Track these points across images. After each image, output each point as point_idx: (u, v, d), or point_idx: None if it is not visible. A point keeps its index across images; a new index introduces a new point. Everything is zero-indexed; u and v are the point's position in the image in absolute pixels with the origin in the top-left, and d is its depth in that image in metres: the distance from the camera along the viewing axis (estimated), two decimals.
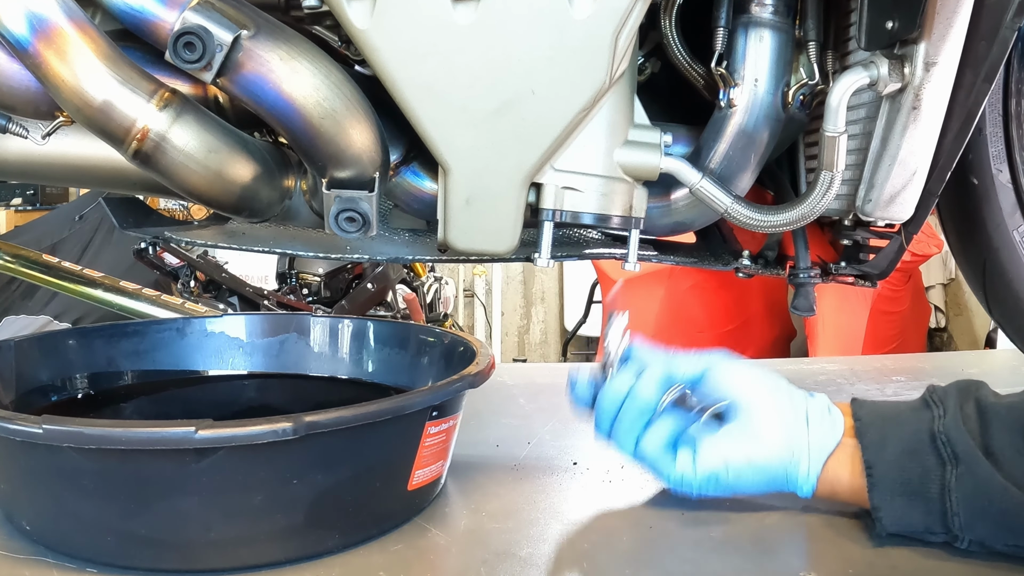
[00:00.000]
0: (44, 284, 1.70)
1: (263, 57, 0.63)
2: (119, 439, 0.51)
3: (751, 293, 2.81)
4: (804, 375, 1.21)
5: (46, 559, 0.57)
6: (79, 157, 0.77)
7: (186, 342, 0.84)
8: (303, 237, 0.84)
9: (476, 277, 4.49)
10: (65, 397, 0.77)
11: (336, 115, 0.65)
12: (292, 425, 0.52)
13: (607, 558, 0.60)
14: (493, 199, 0.70)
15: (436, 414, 0.63)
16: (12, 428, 0.52)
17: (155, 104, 0.63)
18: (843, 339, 2.60)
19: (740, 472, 0.64)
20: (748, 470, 0.64)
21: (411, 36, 0.65)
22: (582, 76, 0.67)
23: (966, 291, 3.43)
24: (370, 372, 0.85)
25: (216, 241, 0.83)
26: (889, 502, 0.61)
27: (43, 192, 3.96)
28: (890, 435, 0.62)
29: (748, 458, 0.64)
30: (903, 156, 0.75)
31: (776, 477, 0.64)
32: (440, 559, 0.60)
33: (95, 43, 0.61)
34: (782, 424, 0.64)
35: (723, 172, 0.79)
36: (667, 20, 0.80)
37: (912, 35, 0.71)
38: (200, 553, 0.56)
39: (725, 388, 0.66)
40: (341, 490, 0.58)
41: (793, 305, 0.92)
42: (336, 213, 0.68)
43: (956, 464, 0.59)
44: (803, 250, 0.89)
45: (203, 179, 0.66)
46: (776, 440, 0.64)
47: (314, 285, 3.02)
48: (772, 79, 0.77)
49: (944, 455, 0.60)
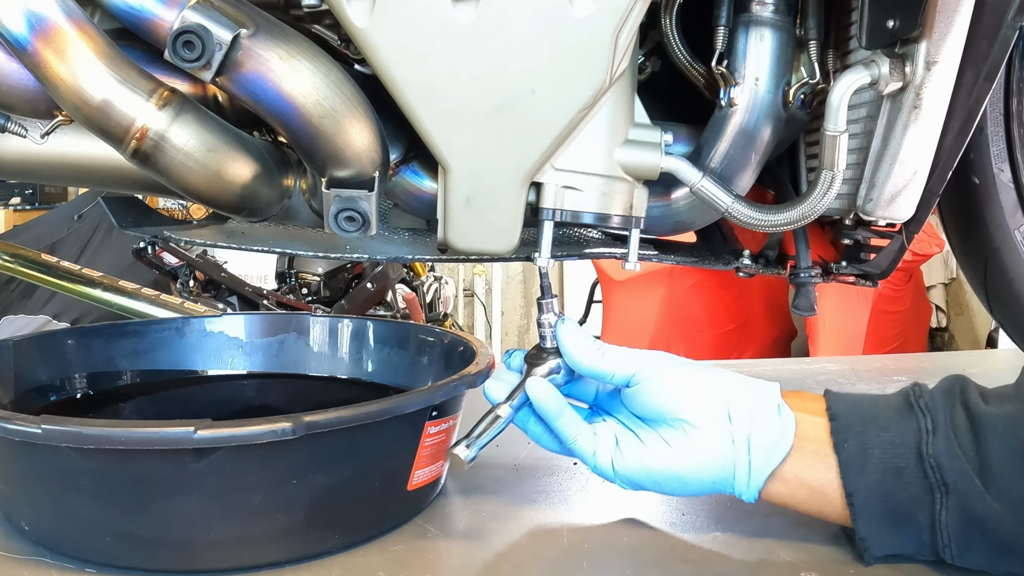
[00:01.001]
0: (43, 283, 1.70)
1: (262, 56, 0.63)
2: (118, 439, 0.51)
3: (752, 293, 2.81)
4: (805, 375, 1.21)
5: (45, 559, 0.57)
6: (78, 156, 0.76)
7: (185, 342, 0.84)
8: (302, 236, 0.84)
9: (476, 276, 4.49)
10: (64, 397, 0.77)
11: (336, 114, 0.65)
12: (291, 425, 0.52)
13: (608, 559, 0.60)
14: (493, 198, 0.70)
15: (436, 414, 0.63)
16: (11, 428, 0.52)
17: (154, 103, 0.62)
18: (844, 339, 2.60)
19: (661, 480, 0.61)
20: (670, 479, 0.61)
21: (411, 35, 0.65)
22: (582, 75, 0.67)
23: (967, 291, 3.43)
24: (370, 372, 0.85)
25: (215, 240, 0.83)
26: (875, 530, 0.58)
27: (42, 191, 3.95)
28: (871, 448, 0.58)
29: (671, 470, 0.61)
30: (904, 155, 0.75)
31: (705, 486, 0.61)
32: (440, 559, 0.60)
33: (94, 42, 0.61)
34: (713, 435, 0.60)
35: (724, 171, 0.78)
36: (668, 19, 0.79)
37: (913, 34, 0.71)
38: (199, 553, 0.56)
39: (654, 396, 0.61)
40: (340, 490, 0.58)
41: (794, 305, 0.92)
42: (336, 212, 0.68)
43: (946, 493, 0.56)
44: (804, 250, 0.89)
45: (202, 178, 0.66)
46: (704, 452, 0.60)
47: (313, 285, 3.02)
48: (773, 78, 0.77)
49: (933, 481, 0.56)
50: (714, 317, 2.81)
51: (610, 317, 3.07)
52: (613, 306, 3.05)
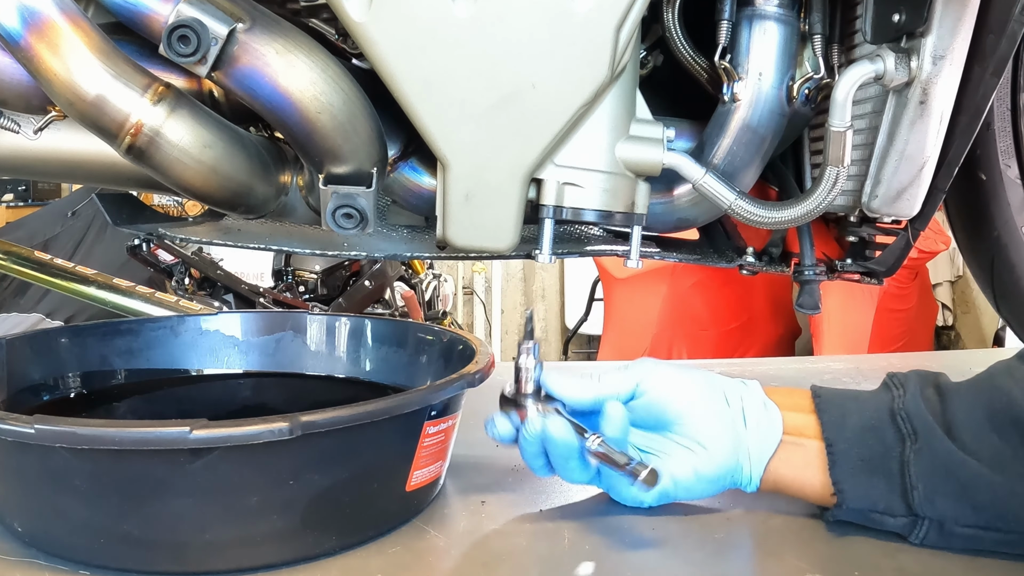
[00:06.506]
0: (36, 281, 1.70)
1: (259, 51, 0.62)
2: (112, 439, 0.50)
3: (755, 291, 2.81)
4: (809, 374, 1.21)
5: (38, 561, 0.57)
6: (72, 152, 0.76)
7: (180, 340, 0.83)
8: (299, 233, 0.83)
9: (476, 274, 4.49)
10: (57, 396, 0.76)
11: (333, 109, 0.64)
12: (288, 425, 0.51)
13: (609, 560, 0.60)
14: (493, 195, 0.69)
15: (435, 414, 0.62)
16: (3, 428, 0.51)
17: (149, 98, 0.62)
18: (849, 337, 2.61)
19: (689, 486, 0.63)
20: (696, 482, 0.63)
21: (409, 29, 0.64)
22: (583, 70, 0.66)
23: (974, 288, 3.43)
24: (368, 371, 0.84)
25: (211, 238, 0.83)
26: (851, 478, 0.61)
27: (35, 188, 3.93)
28: (850, 412, 0.62)
29: (695, 471, 0.63)
30: (910, 151, 0.74)
31: (723, 482, 0.64)
32: (439, 561, 0.59)
33: (88, 37, 0.60)
34: (722, 431, 0.63)
35: (727, 167, 0.78)
36: (670, 13, 0.79)
37: (919, 28, 0.70)
38: (195, 555, 0.55)
39: (661, 402, 0.64)
40: (338, 491, 0.57)
41: (798, 303, 0.91)
42: (333, 209, 0.68)
43: (915, 439, 0.60)
44: (808, 247, 0.88)
45: (198, 174, 0.65)
46: (718, 449, 0.63)
47: (311, 282, 3.01)
48: (777, 73, 0.76)
49: (904, 431, 0.60)
50: (717, 315, 2.81)
51: (611, 315, 3.07)
52: (615, 304, 3.05)
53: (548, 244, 0.72)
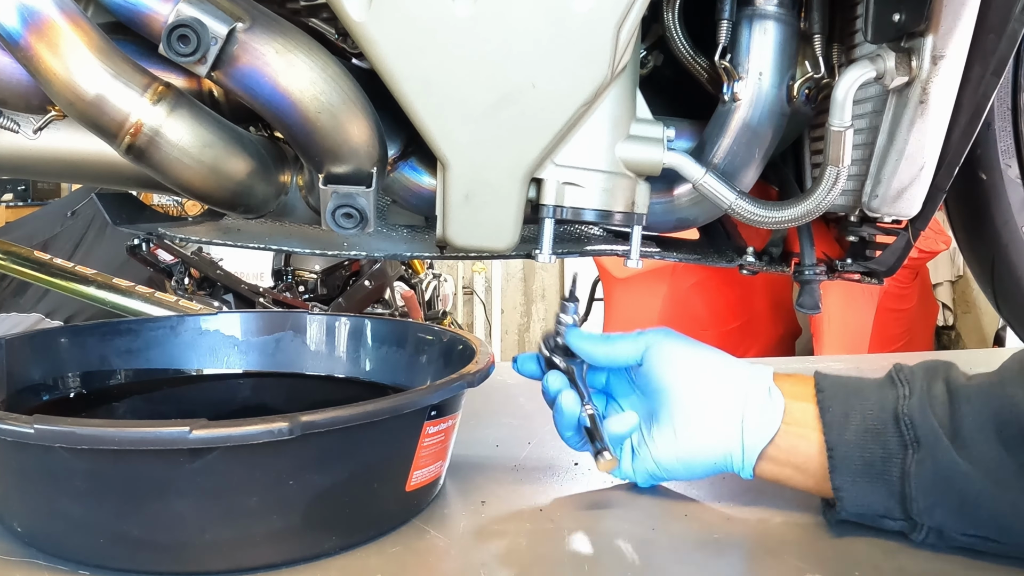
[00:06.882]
0: (36, 281, 1.69)
1: (259, 50, 0.62)
2: (112, 439, 0.50)
3: (755, 290, 2.81)
4: (809, 373, 1.20)
5: (38, 561, 0.56)
6: (71, 152, 0.76)
7: (180, 340, 0.83)
8: (299, 233, 0.83)
9: (475, 274, 4.48)
10: (57, 396, 0.76)
11: (333, 109, 0.64)
12: (288, 425, 0.51)
13: (609, 560, 0.59)
14: (493, 195, 0.69)
15: (435, 414, 0.62)
16: (3, 428, 0.51)
17: (149, 98, 0.62)
18: (849, 337, 2.60)
19: (671, 468, 0.67)
20: (678, 466, 0.66)
21: (409, 28, 0.64)
22: (583, 70, 0.66)
23: (974, 288, 3.43)
24: (367, 371, 0.84)
25: (211, 237, 0.83)
26: (851, 484, 0.60)
27: (35, 188, 3.92)
28: (853, 412, 0.61)
29: (676, 457, 0.66)
30: (910, 151, 0.74)
31: (711, 467, 0.65)
32: (439, 561, 0.59)
33: (87, 36, 0.60)
34: (715, 414, 0.64)
35: (727, 167, 0.78)
36: (670, 12, 0.79)
37: (919, 28, 0.70)
38: (194, 555, 0.55)
39: (660, 375, 0.66)
40: (338, 491, 0.57)
41: (798, 303, 0.91)
42: (333, 209, 0.67)
43: (918, 447, 0.58)
44: (808, 247, 0.88)
45: (197, 174, 0.65)
46: (706, 433, 0.64)
47: (310, 282, 3.00)
48: (777, 72, 0.76)
49: (907, 438, 0.59)
50: (717, 315, 2.81)
51: (612, 315, 3.06)
52: (615, 304, 3.04)
53: (548, 244, 0.72)
